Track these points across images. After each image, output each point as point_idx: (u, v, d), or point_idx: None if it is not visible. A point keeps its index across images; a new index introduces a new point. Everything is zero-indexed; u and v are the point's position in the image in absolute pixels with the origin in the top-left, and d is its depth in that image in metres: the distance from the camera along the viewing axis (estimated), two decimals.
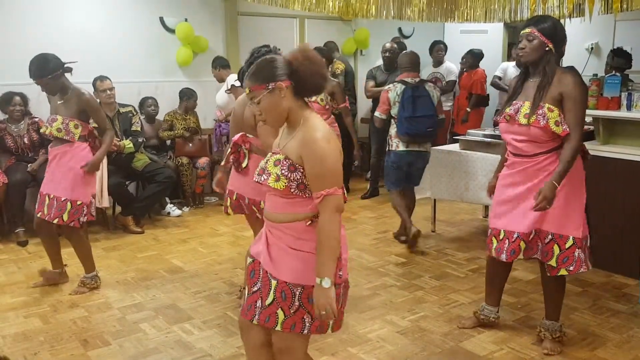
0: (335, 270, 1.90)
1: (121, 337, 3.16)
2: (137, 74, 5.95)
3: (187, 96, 5.94)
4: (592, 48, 6.60)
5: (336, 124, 4.92)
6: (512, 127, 2.82)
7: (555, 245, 2.79)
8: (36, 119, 5.07)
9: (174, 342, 3.09)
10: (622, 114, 3.87)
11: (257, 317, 2.01)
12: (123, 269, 4.22)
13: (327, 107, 4.86)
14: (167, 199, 5.72)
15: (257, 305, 2.01)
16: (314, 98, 4.84)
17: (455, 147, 4.89)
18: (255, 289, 2.03)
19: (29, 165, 4.95)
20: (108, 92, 5.14)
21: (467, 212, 5.67)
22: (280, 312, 1.96)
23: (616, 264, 3.91)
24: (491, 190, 3.10)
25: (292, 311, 1.95)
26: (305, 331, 1.97)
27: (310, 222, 1.94)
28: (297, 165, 1.91)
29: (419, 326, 3.26)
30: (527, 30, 2.75)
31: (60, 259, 3.90)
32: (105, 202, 4.90)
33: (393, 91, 4.44)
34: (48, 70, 3.51)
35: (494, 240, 2.94)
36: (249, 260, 2.11)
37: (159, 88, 6.02)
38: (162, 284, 3.93)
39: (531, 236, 2.82)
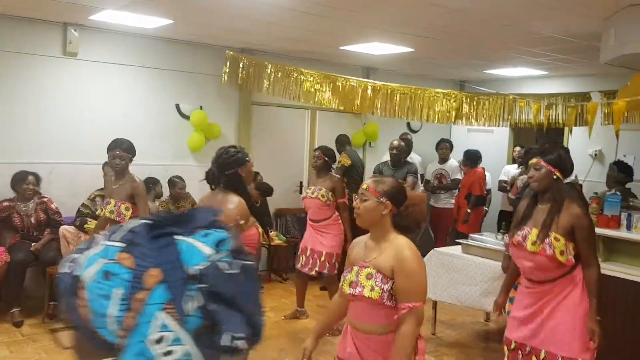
0: None
1: None
2: (149, 157, 6.06)
3: (172, 184, 5.93)
4: (595, 154, 6.71)
5: (340, 221, 4.97)
6: (520, 252, 2.89)
7: None
8: (45, 199, 5.14)
9: None
10: (622, 234, 3.88)
11: None
12: None
13: (329, 203, 4.94)
14: None
15: None
16: (315, 194, 4.98)
17: (457, 249, 4.89)
18: None
19: (32, 244, 4.96)
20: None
21: (468, 314, 5.57)
22: None
23: None
24: (499, 308, 3.18)
25: None
26: None
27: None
28: (388, 278, 2.19)
29: None
30: (534, 160, 2.88)
31: None
32: None
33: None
34: (134, 152, 4.21)
35: (506, 350, 3.00)
36: None
37: (168, 171, 6.13)
38: None
39: (542, 357, 2.83)
